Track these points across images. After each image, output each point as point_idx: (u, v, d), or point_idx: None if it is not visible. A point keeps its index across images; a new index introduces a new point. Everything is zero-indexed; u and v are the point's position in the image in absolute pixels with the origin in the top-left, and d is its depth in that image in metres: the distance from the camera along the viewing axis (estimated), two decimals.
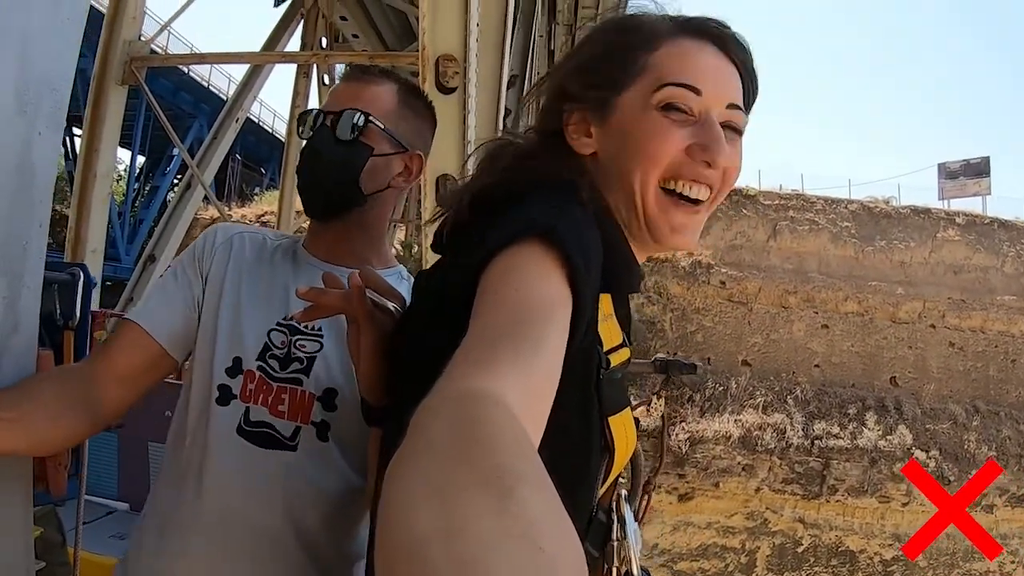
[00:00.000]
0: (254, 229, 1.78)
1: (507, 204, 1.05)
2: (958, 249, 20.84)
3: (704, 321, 20.73)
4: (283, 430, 1.55)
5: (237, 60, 9.58)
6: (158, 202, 31.77)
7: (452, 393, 0.67)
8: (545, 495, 0.55)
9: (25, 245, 1.39)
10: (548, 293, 0.86)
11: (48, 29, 1.39)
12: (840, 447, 18.89)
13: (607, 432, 1.08)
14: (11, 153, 1.34)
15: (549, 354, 0.80)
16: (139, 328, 1.58)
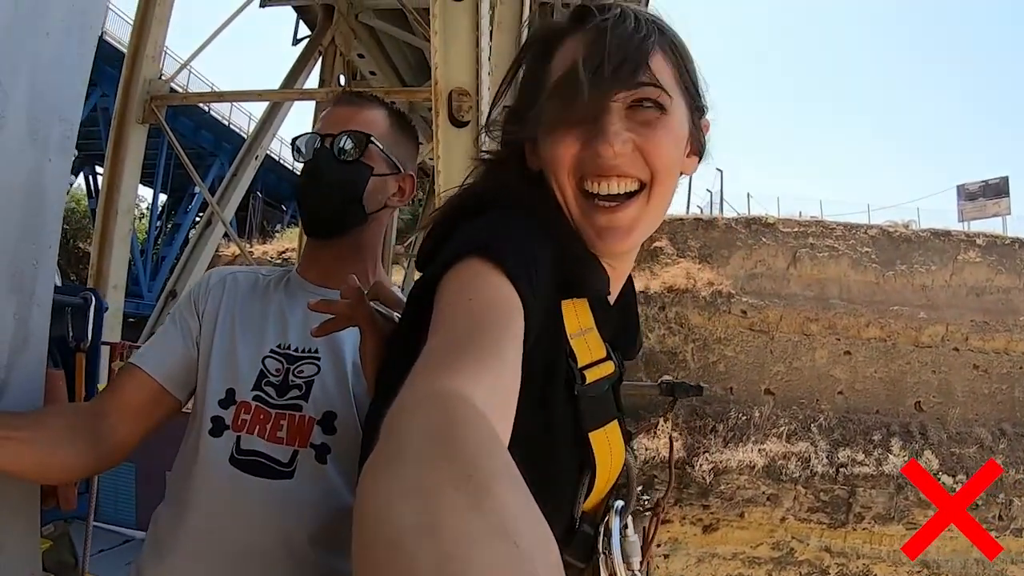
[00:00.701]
0: (247, 268, 1.84)
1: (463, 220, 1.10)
2: (979, 271, 20.63)
3: (726, 351, 20.57)
4: (279, 456, 1.57)
5: (256, 98, 9.69)
6: (180, 239, 31.95)
7: (419, 395, 0.70)
8: (518, 492, 0.57)
9: (36, 265, 1.45)
10: (500, 299, 0.90)
11: (58, 61, 1.45)
12: (866, 474, 18.65)
13: (588, 447, 1.10)
14: (22, 178, 1.39)
15: (509, 357, 0.83)
16: (139, 370, 1.63)
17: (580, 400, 1.08)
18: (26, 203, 1.40)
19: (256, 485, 1.55)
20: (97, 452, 1.53)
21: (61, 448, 1.45)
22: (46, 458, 1.43)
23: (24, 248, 1.41)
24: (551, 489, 1.06)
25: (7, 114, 1.33)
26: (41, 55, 1.40)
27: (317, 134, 1.73)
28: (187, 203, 34.09)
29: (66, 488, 1.69)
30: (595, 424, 1.12)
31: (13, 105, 1.34)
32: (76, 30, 1.49)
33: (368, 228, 1.75)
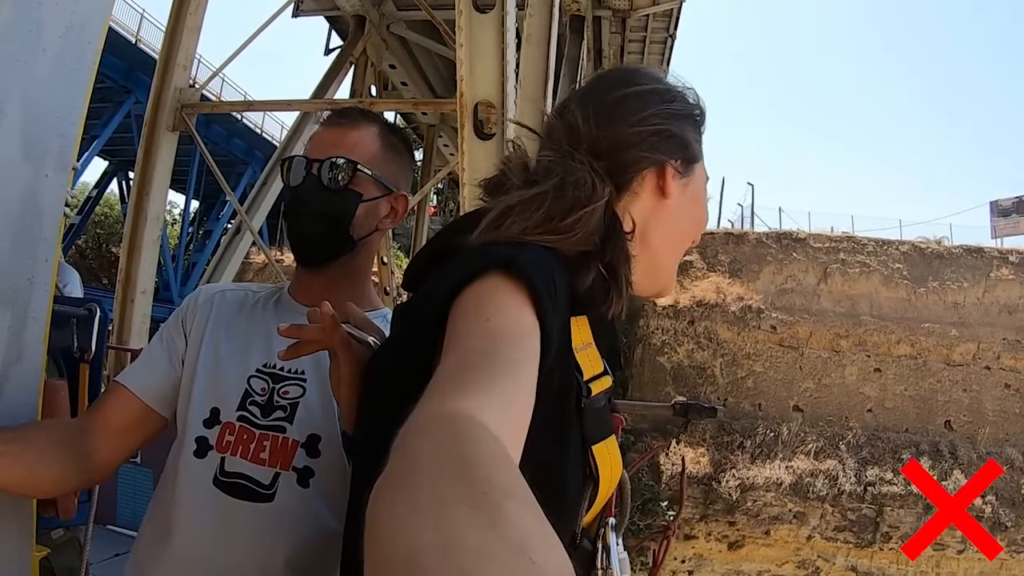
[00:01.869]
0: (236, 286, 1.82)
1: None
2: (1012, 288, 20.41)
3: (755, 366, 20.46)
4: (261, 478, 1.55)
5: (286, 108, 9.78)
6: (211, 246, 32.23)
7: (433, 416, 0.69)
8: (531, 508, 0.57)
9: (31, 279, 1.46)
10: (518, 321, 0.90)
11: (55, 78, 1.47)
12: (894, 493, 18.47)
13: (591, 460, 1.09)
14: (17, 195, 1.41)
15: (523, 380, 0.82)
16: (124, 388, 1.62)
17: (585, 413, 1.08)
18: (21, 219, 1.42)
19: (239, 508, 1.53)
20: (83, 468, 1.53)
21: (47, 463, 1.45)
22: (32, 473, 1.43)
23: (19, 263, 1.42)
24: (562, 503, 1.07)
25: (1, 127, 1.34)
26: (37, 72, 1.41)
27: (305, 157, 1.68)
28: (219, 210, 34.43)
29: (64, 498, 1.70)
30: (598, 437, 1.12)
31: (7, 121, 1.35)
32: (74, 46, 1.50)
33: (358, 254, 1.73)
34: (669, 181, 1.24)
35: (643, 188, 1.25)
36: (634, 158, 1.24)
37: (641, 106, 1.26)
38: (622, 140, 1.24)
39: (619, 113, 1.26)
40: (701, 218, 1.34)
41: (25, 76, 1.38)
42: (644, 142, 1.24)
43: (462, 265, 1.00)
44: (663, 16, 15.10)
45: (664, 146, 1.24)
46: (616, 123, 1.25)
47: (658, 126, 1.24)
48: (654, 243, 1.25)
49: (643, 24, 15.20)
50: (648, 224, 1.24)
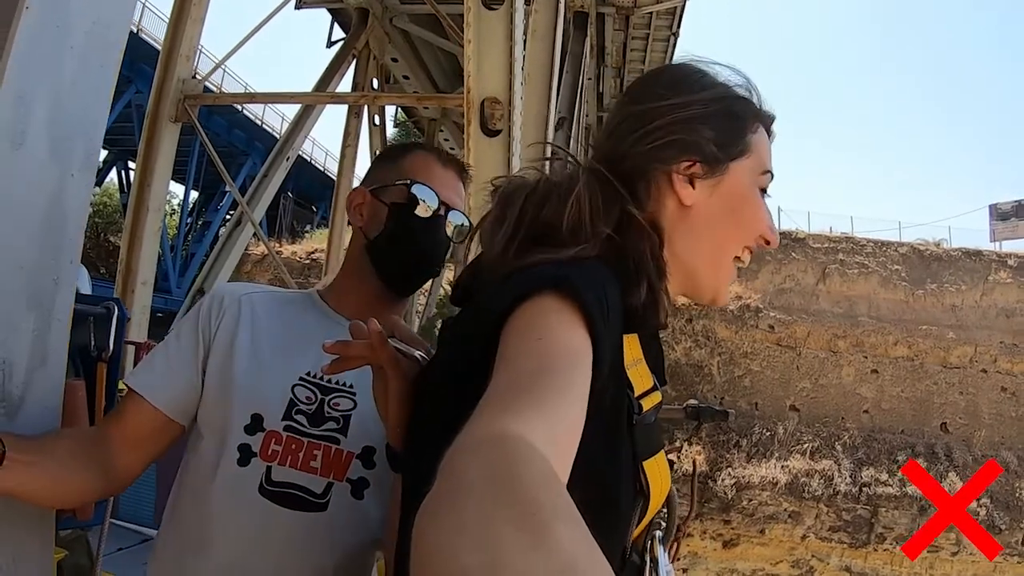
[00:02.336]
0: (260, 288, 1.78)
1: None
2: (1010, 292, 20.45)
3: (752, 365, 20.51)
4: (313, 487, 1.53)
5: (288, 100, 9.74)
6: (210, 237, 32.26)
7: (481, 436, 0.69)
8: (579, 530, 0.56)
9: (56, 280, 1.44)
10: (569, 341, 0.88)
11: (82, 76, 1.45)
12: (889, 495, 18.53)
13: (642, 476, 1.09)
14: (44, 195, 1.39)
15: (573, 402, 0.81)
16: (141, 398, 1.58)
17: (636, 430, 1.08)
18: (47, 219, 1.40)
19: (289, 518, 1.51)
20: (104, 478, 1.50)
21: (68, 474, 1.43)
22: (53, 483, 1.40)
23: (44, 264, 1.41)
24: (614, 520, 1.06)
25: (29, 129, 1.33)
26: (65, 70, 1.40)
27: (437, 195, 1.70)
28: (218, 200, 34.47)
29: None
30: (647, 454, 1.11)
31: (35, 120, 1.34)
32: (100, 45, 1.49)
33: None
34: (680, 187, 1.21)
35: (663, 196, 1.22)
36: (633, 167, 1.22)
37: (643, 109, 1.24)
38: (621, 151, 1.23)
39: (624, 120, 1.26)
40: (746, 221, 1.26)
41: (53, 76, 1.37)
42: (638, 151, 1.22)
43: (515, 284, 0.99)
44: (666, 14, 15.05)
45: (662, 154, 1.21)
46: (617, 129, 1.26)
47: (655, 132, 1.22)
48: (681, 252, 1.22)
49: (646, 21, 15.15)
50: (673, 233, 1.22)
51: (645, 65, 17.14)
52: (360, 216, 1.75)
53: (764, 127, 1.29)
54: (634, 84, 1.33)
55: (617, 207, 1.16)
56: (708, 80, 1.27)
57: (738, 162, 1.23)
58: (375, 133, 13.28)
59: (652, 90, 1.26)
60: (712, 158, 1.21)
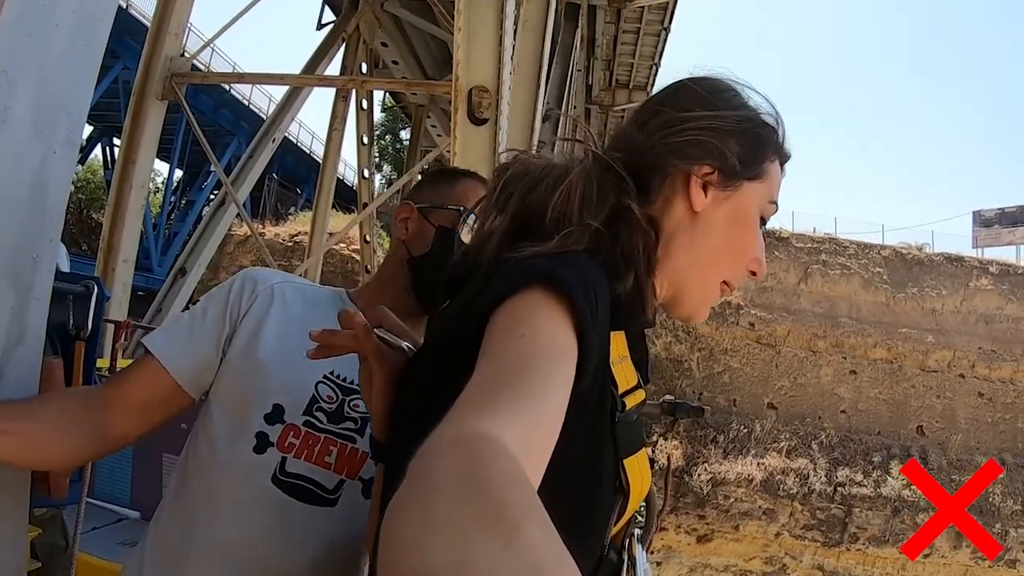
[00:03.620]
0: (292, 278, 1.77)
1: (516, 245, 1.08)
2: (990, 298, 20.62)
3: (731, 362, 20.61)
4: (325, 482, 1.54)
5: (276, 81, 9.71)
6: (193, 216, 32.17)
7: (453, 435, 0.68)
8: (548, 531, 0.56)
9: (36, 258, 1.43)
10: (553, 339, 0.87)
11: (67, 53, 1.44)
12: (863, 495, 18.67)
13: (623, 474, 1.08)
14: (26, 172, 1.38)
15: (551, 402, 0.80)
16: (158, 363, 1.56)
17: (618, 427, 1.06)
18: (29, 196, 1.39)
19: (299, 510, 1.51)
20: (97, 442, 1.49)
21: (57, 439, 1.42)
22: (39, 450, 1.39)
23: (24, 242, 1.39)
24: (594, 518, 1.06)
25: (12, 106, 1.31)
26: (50, 46, 1.39)
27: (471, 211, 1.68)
28: (203, 180, 34.34)
29: (57, 477, 1.67)
30: (629, 451, 1.10)
31: (18, 97, 1.32)
32: (87, 23, 1.47)
33: None
34: (694, 191, 1.20)
35: (674, 195, 1.22)
36: (653, 160, 1.21)
37: (680, 107, 1.23)
38: (645, 142, 1.22)
39: (657, 115, 1.24)
40: (742, 245, 1.25)
41: (38, 53, 1.35)
42: (666, 144, 1.21)
43: (503, 277, 0.98)
44: (658, 8, 15.09)
45: (688, 152, 1.20)
46: (649, 122, 1.24)
47: (685, 131, 1.21)
48: (676, 258, 1.21)
49: (638, 15, 15.19)
50: (673, 236, 1.21)
51: (635, 59, 17.18)
52: (404, 230, 1.76)
53: (780, 161, 1.29)
54: (670, 85, 1.30)
55: (612, 199, 1.15)
56: (741, 100, 1.27)
57: (752, 184, 1.23)
58: (362, 117, 13.24)
59: (689, 93, 1.25)
60: (731, 171, 1.21)
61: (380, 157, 37.11)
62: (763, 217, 1.27)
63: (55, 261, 1.52)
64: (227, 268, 22.87)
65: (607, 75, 17.99)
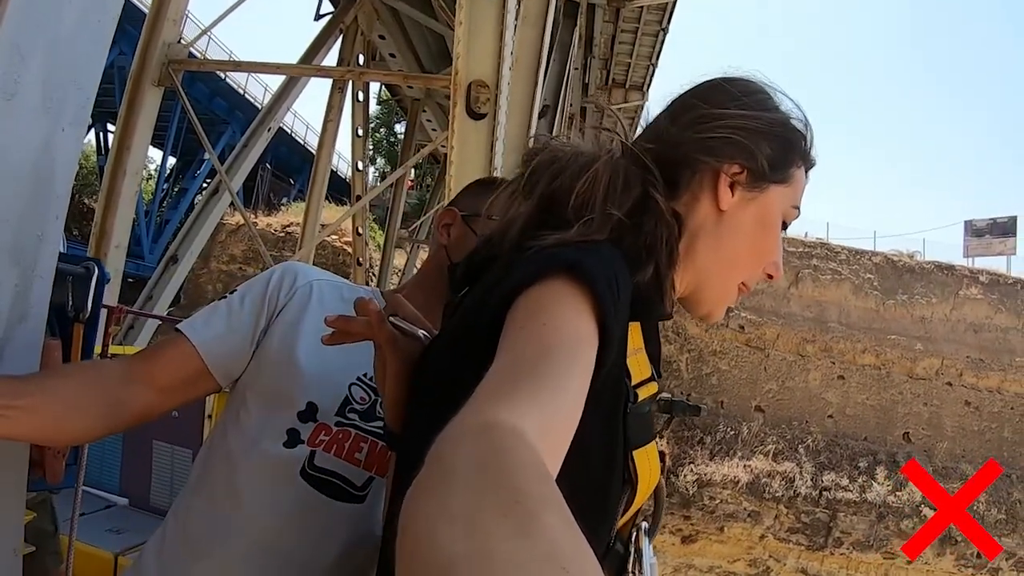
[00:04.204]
0: (329, 276, 1.76)
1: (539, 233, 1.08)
2: (980, 308, 20.71)
3: (720, 364, 20.65)
4: (354, 478, 1.53)
5: (273, 71, 9.66)
6: (186, 204, 32.11)
7: (472, 424, 0.68)
8: (565, 519, 0.56)
9: (40, 236, 1.42)
10: (575, 329, 0.87)
11: (80, 29, 1.43)
12: (848, 500, 18.72)
13: (631, 465, 1.08)
14: (33, 148, 1.37)
15: (571, 391, 0.80)
16: (188, 343, 1.54)
17: (629, 418, 1.06)
18: (35, 173, 1.38)
19: (325, 504, 1.50)
20: (113, 419, 1.47)
21: (71, 415, 1.39)
22: (52, 426, 1.37)
23: (29, 220, 1.38)
24: (603, 507, 1.06)
25: (22, 80, 1.30)
26: (62, 22, 1.38)
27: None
28: (196, 168, 34.25)
29: (54, 460, 1.66)
30: (639, 443, 1.10)
31: (29, 72, 1.31)
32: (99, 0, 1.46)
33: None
34: (722, 189, 1.20)
35: (702, 191, 1.21)
36: (683, 154, 1.21)
37: (714, 105, 1.23)
38: (677, 136, 1.22)
39: (690, 110, 1.24)
40: (764, 247, 1.26)
41: (50, 28, 1.34)
42: (697, 140, 1.21)
43: (525, 265, 0.98)
44: (657, 9, 15.08)
45: (720, 149, 1.20)
46: (681, 116, 1.24)
47: (718, 129, 1.21)
48: (699, 254, 1.22)
49: (637, 15, 15.18)
50: (698, 233, 1.21)
51: (632, 59, 17.19)
52: (446, 235, 1.75)
53: (805, 167, 1.30)
54: (704, 82, 1.29)
55: (638, 189, 1.15)
56: (774, 103, 1.27)
57: (778, 187, 1.24)
58: (358, 109, 13.23)
59: (723, 91, 1.25)
60: (760, 172, 1.21)
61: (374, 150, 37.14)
62: (785, 221, 1.28)
63: (59, 240, 1.51)
64: (218, 257, 22.84)
65: (604, 74, 17.99)
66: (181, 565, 1.52)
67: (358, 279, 14.31)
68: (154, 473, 3.92)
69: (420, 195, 32.44)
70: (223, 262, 22.85)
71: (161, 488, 3.92)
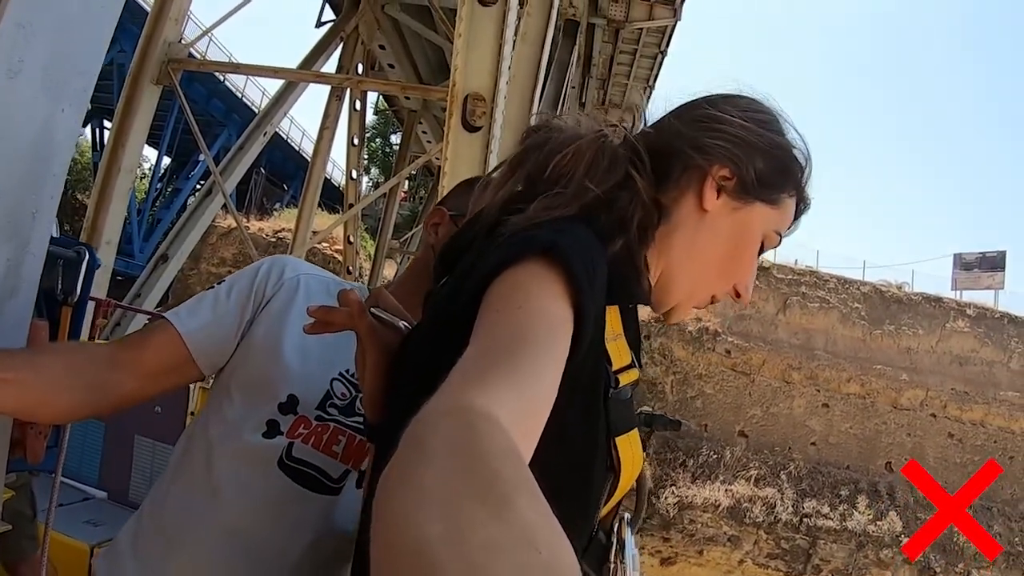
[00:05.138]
0: (317, 270, 1.76)
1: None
2: (966, 341, 20.77)
3: (705, 388, 20.65)
4: (331, 471, 1.53)
5: (272, 74, 9.65)
6: (178, 204, 31.99)
7: (446, 407, 0.68)
8: (538, 502, 0.57)
9: (35, 213, 1.43)
10: (550, 311, 0.87)
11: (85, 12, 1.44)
12: (829, 527, 18.72)
13: (614, 452, 1.08)
14: (34, 126, 1.38)
15: (546, 376, 0.80)
16: (174, 330, 1.54)
17: (611, 404, 1.07)
18: (33, 151, 1.39)
19: (302, 496, 1.51)
20: (96, 401, 1.47)
21: (56, 392, 1.40)
22: (36, 401, 1.37)
23: (25, 196, 1.39)
24: (585, 495, 1.06)
25: (27, 59, 1.31)
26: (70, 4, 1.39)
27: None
28: (190, 169, 34.17)
29: (35, 440, 1.65)
30: (621, 430, 1.10)
31: (34, 50, 1.32)
32: None
33: None
34: (708, 189, 1.20)
35: (689, 188, 1.21)
36: (677, 148, 1.22)
37: (720, 110, 1.24)
38: (676, 128, 1.23)
39: (695, 109, 1.25)
40: (738, 261, 1.26)
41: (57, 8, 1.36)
42: (694, 135, 1.22)
43: (501, 247, 0.98)
44: (656, 31, 15.11)
45: (712, 149, 1.20)
46: (686, 114, 1.26)
47: (717, 132, 1.21)
48: (674, 248, 1.21)
49: (636, 37, 15.21)
50: (677, 229, 1.21)
51: (630, 80, 17.22)
52: (434, 235, 1.75)
53: (797, 200, 1.29)
54: (717, 93, 1.29)
55: (622, 171, 1.15)
56: (779, 128, 1.27)
57: (764, 206, 1.23)
58: (354, 118, 13.24)
59: (733, 103, 1.26)
60: (748, 184, 1.21)
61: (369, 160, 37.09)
62: (763, 244, 1.28)
63: (53, 219, 1.52)
64: (208, 259, 22.79)
65: (601, 94, 18.02)
66: (156, 550, 1.52)
67: None
68: (134, 468, 3.91)
69: (413, 207, 32.43)
70: (213, 264, 22.80)
71: (141, 483, 3.90)
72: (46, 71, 1.37)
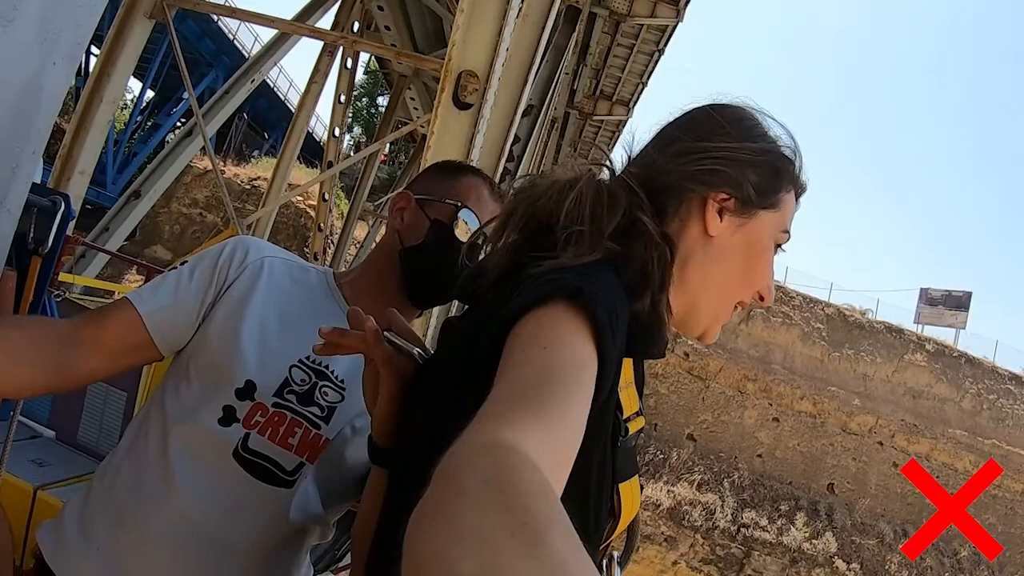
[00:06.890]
0: (282, 253, 1.75)
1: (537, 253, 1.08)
2: (922, 375, 21.07)
3: (660, 387, 20.81)
4: (285, 463, 1.52)
5: (267, 23, 9.54)
6: (156, 140, 31.73)
7: (478, 443, 0.68)
8: (572, 540, 0.56)
9: (15, 168, 1.38)
10: (576, 353, 0.87)
11: None
12: (765, 540, 18.95)
13: (616, 498, 1.10)
14: (22, 78, 1.33)
15: (574, 414, 0.80)
16: (134, 311, 1.54)
17: (618, 451, 1.08)
18: (19, 104, 1.34)
19: (255, 487, 1.50)
20: (58, 376, 1.45)
21: (18, 365, 1.38)
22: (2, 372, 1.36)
23: (6, 150, 1.34)
24: (592, 539, 1.07)
25: (21, 7, 1.27)
26: None
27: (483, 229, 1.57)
28: (172, 105, 33.85)
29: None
30: (624, 476, 1.12)
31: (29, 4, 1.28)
32: None
33: None
34: (710, 215, 1.21)
35: (690, 218, 1.22)
36: (670, 183, 1.22)
37: (700, 136, 1.24)
38: (664, 165, 1.23)
39: (675, 142, 1.25)
40: (755, 271, 1.27)
41: None
42: (683, 170, 1.22)
43: (527, 290, 0.98)
44: (656, 29, 15.10)
45: (706, 179, 1.21)
46: (668, 147, 1.25)
47: (705, 159, 1.22)
48: (691, 278, 1.22)
49: (636, 32, 15.19)
50: (689, 257, 1.22)
51: (623, 73, 17.21)
52: (400, 220, 1.74)
53: (795, 192, 1.31)
54: (691, 111, 1.31)
55: (622, 210, 1.15)
56: (761, 130, 1.28)
57: (766, 212, 1.25)
58: (344, 76, 13.17)
59: (710, 121, 1.26)
60: (747, 200, 1.22)
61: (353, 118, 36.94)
62: (777, 244, 1.29)
63: (32, 175, 1.47)
64: (180, 199, 22.63)
65: (593, 83, 18.01)
66: (103, 530, 1.50)
67: (317, 245, 14.24)
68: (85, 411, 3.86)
69: (391, 171, 32.35)
70: (185, 204, 22.65)
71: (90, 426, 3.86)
72: (42, 22, 1.32)
